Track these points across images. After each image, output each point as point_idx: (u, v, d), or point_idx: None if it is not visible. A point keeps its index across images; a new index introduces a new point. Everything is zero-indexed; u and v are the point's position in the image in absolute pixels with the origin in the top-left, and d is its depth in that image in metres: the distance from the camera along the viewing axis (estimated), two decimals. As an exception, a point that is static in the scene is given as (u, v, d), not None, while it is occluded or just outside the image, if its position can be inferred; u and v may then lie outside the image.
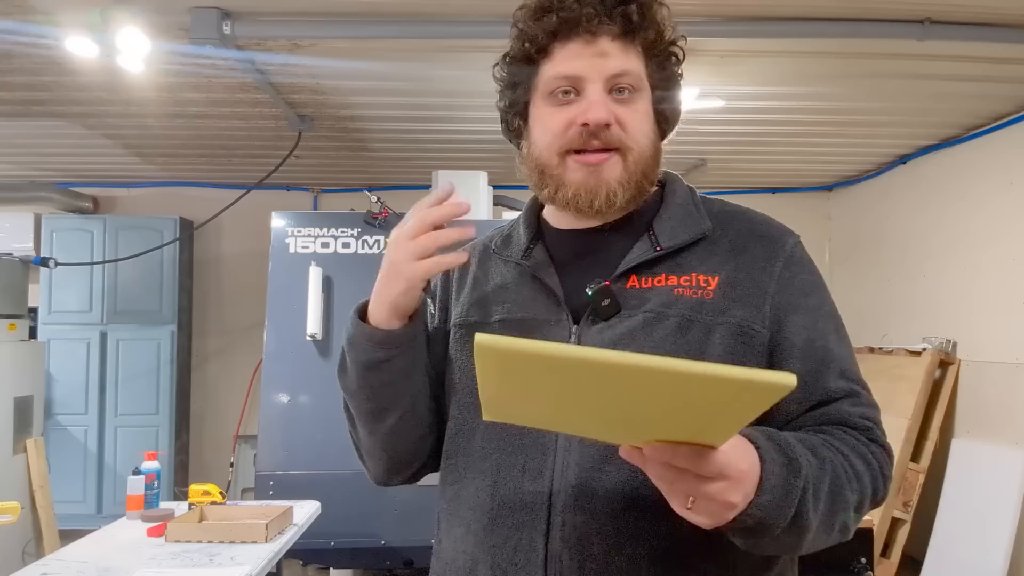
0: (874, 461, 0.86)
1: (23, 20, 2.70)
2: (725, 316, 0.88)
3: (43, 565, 2.09)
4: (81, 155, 4.69)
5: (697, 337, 0.87)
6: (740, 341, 0.87)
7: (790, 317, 0.89)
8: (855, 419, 0.88)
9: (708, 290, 0.89)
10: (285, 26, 2.82)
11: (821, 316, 0.91)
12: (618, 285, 0.91)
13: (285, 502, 2.70)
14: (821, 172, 5.20)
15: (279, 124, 4.00)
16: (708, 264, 0.91)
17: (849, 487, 0.81)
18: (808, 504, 0.75)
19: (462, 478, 0.95)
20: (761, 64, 3.22)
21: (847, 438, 0.86)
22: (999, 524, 3.43)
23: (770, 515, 0.72)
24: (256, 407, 4.28)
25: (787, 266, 0.92)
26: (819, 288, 0.94)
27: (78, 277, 4.91)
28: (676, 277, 0.90)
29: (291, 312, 3.47)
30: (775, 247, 0.93)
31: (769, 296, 0.89)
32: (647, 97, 0.93)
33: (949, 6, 2.67)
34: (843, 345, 0.92)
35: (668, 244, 0.92)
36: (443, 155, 4.62)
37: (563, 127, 0.91)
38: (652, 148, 0.94)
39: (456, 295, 1.05)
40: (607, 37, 0.90)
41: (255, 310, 4.79)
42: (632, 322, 0.89)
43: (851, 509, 0.82)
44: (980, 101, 3.63)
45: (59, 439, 4.82)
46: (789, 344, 0.89)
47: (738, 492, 0.69)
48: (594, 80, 0.90)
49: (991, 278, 3.87)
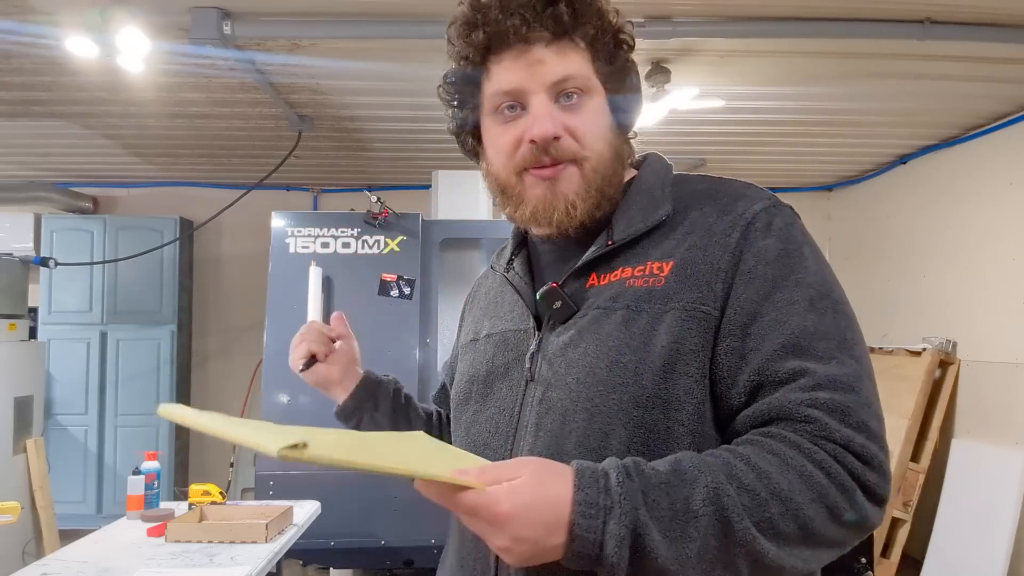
0: (817, 472, 0.70)
1: (23, 20, 2.70)
2: (673, 302, 0.80)
3: (43, 565, 2.09)
4: (81, 155, 4.69)
5: (642, 329, 0.80)
6: (689, 327, 0.79)
7: (737, 290, 0.79)
8: (799, 410, 0.73)
9: (660, 277, 0.83)
10: (285, 26, 2.82)
11: (783, 286, 0.79)
12: (577, 284, 0.88)
13: (285, 502, 2.70)
14: (821, 172, 5.21)
15: (279, 124, 4.00)
16: (662, 249, 0.85)
17: (755, 513, 0.69)
18: (652, 546, 0.67)
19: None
20: (761, 64, 3.21)
21: (780, 448, 0.72)
22: (999, 524, 3.43)
23: (592, 557, 0.67)
24: (256, 407, 4.28)
25: (744, 234, 0.82)
26: (790, 255, 0.81)
27: (78, 277, 4.91)
28: (631, 268, 0.85)
29: (291, 312, 3.47)
30: (734, 216, 0.84)
31: (721, 272, 0.80)
32: (599, 96, 0.88)
33: (949, 6, 2.67)
34: (814, 316, 0.77)
35: (621, 236, 0.87)
36: (443, 155, 4.62)
37: (512, 146, 0.87)
38: (611, 150, 0.88)
39: (468, 316, 1.09)
40: (540, 44, 0.84)
41: (255, 310, 4.79)
42: (584, 321, 0.85)
43: (765, 539, 0.68)
44: (980, 101, 3.63)
45: (59, 439, 4.82)
46: (727, 321, 0.79)
47: (498, 535, 0.66)
48: (535, 91, 0.85)
49: (991, 278, 3.87)
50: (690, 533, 0.68)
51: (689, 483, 0.69)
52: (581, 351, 0.83)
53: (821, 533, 0.71)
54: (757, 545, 0.68)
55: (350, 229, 3.61)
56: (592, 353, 0.82)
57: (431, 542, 3.38)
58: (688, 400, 0.79)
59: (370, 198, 3.67)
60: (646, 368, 0.79)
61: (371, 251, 3.61)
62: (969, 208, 4.08)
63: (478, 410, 0.93)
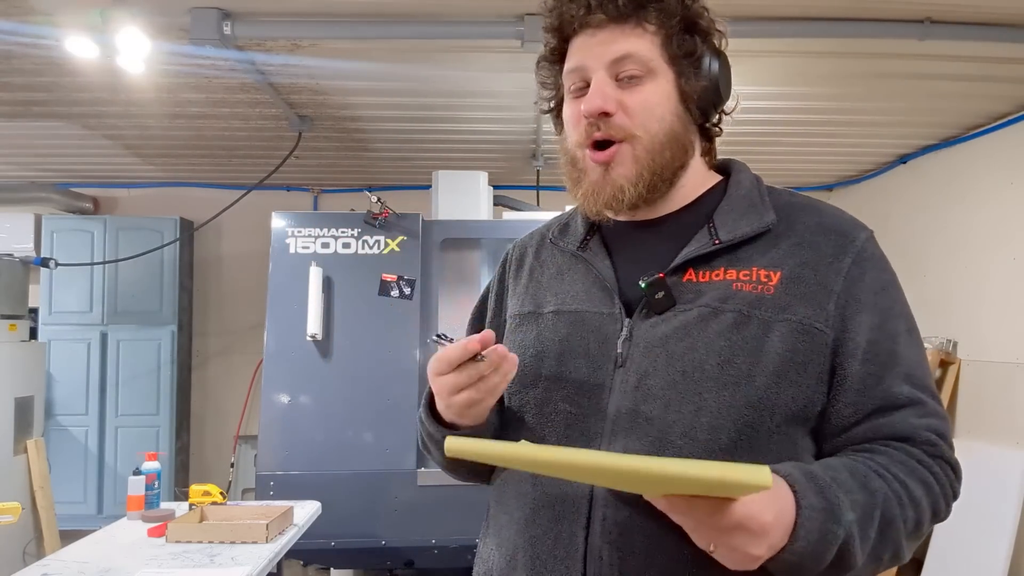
0: (935, 484, 0.82)
1: (23, 20, 2.70)
2: (786, 313, 0.84)
3: (43, 566, 2.09)
4: (81, 156, 4.69)
5: (754, 334, 0.83)
6: (801, 340, 0.83)
7: (856, 316, 0.85)
8: (920, 432, 0.83)
9: (769, 286, 0.85)
10: (285, 26, 2.82)
11: (891, 316, 0.86)
12: (674, 278, 0.88)
13: (286, 502, 2.70)
14: (821, 172, 5.21)
15: (279, 124, 4.00)
16: (770, 258, 0.87)
17: (903, 517, 0.79)
18: (853, 546, 0.74)
19: (509, 468, 0.95)
20: (761, 64, 3.21)
21: (907, 460, 0.82)
22: (1000, 524, 3.43)
23: (805, 560, 0.71)
24: (257, 407, 4.28)
25: (856, 263, 0.87)
26: (891, 287, 0.89)
27: (78, 277, 4.91)
28: (735, 271, 0.87)
29: (291, 312, 3.47)
30: (844, 242, 0.88)
31: (835, 294, 0.85)
32: (664, 79, 0.89)
33: (949, 6, 2.67)
34: (914, 349, 0.87)
35: (728, 237, 0.88)
36: (443, 155, 4.62)
37: (576, 120, 0.91)
38: (667, 133, 0.89)
39: (513, 287, 1.05)
40: (607, 25, 0.88)
41: (255, 310, 4.80)
42: (687, 316, 0.86)
43: (903, 538, 0.80)
44: (980, 101, 3.63)
45: (60, 439, 4.82)
46: (853, 345, 0.84)
47: (759, 545, 0.68)
48: (595, 68, 0.89)
49: (992, 278, 3.87)
50: (868, 534, 0.76)
51: (870, 492, 0.77)
52: (686, 345, 0.85)
53: (923, 531, 0.83)
54: (901, 543, 0.79)
55: (350, 229, 3.61)
56: (701, 349, 0.84)
57: (432, 542, 3.38)
58: (792, 407, 0.83)
59: (370, 198, 3.66)
60: (759, 372, 0.82)
61: (371, 251, 3.61)
62: (969, 208, 4.07)
63: (550, 387, 0.91)
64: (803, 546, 0.70)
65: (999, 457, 3.58)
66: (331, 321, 3.50)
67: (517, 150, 4.57)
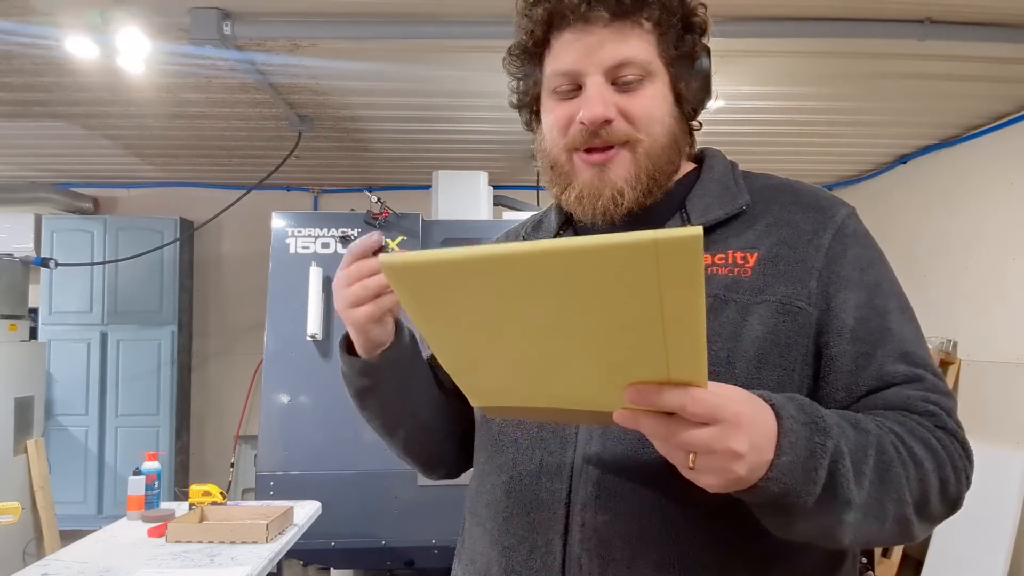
0: (941, 449, 0.74)
1: (23, 20, 2.70)
2: (764, 294, 0.80)
3: (43, 566, 2.09)
4: (81, 156, 4.69)
5: (732, 318, 0.79)
6: (783, 321, 0.79)
7: (840, 294, 0.81)
8: (917, 403, 0.77)
9: (746, 267, 0.82)
10: (285, 26, 2.82)
11: (879, 294, 0.82)
12: None
13: (286, 502, 2.70)
14: (821, 172, 5.21)
15: (279, 124, 4.00)
16: (745, 239, 0.84)
17: (904, 470, 0.70)
18: (844, 473, 0.66)
19: (481, 473, 0.92)
20: (761, 64, 3.22)
21: (905, 420, 0.75)
22: (1000, 524, 3.43)
23: (794, 480, 0.63)
24: (257, 407, 4.28)
25: (837, 238, 0.83)
26: (877, 263, 0.85)
27: (78, 278, 4.91)
28: (710, 256, 0.83)
29: (291, 312, 3.47)
30: (823, 218, 0.85)
31: (816, 271, 0.81)
32: (661, 80, 0.85)
33: (949, 6, 2.67)
34: (907, 325, 0.82)
35: (700, 221, 0.85)
36: (443, 155, 4.62)
37: (564, 124, 0.85)
38: (667, 136, 0.86)
39: None
40: (600, 24, 0.82)
41: (255, 310, 4.79)
42: None
43: (909, 500, 0.71)
44: (980, 101, 3.63)
45: (60, 439, 4.82)
46: (839, 323, 0.80)
47: (740, 438, 0.60)
48: (591, 73, 0.83)
49: (992, 277, 3.87)
50: (862, 469, 0.68)
51: (862, 430, 0.70)
52: None
53: (931, 504, 0.73)
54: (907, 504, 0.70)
55: (350, 229, 3.61)
56: None
57: (432, 542, 3.38)
58: (778, 391, 0.75)
59: (370, 198, 3.67)
60: (739, 357, 0.78)
61: (371, 251, 3.60)
62: (969, 208, 4.07)
63: None
64: (789, 460, 0.63)
65: (999, 457, 3.58)
66: (331, 321, 3.50)
67: (517, 150, 4.57)
